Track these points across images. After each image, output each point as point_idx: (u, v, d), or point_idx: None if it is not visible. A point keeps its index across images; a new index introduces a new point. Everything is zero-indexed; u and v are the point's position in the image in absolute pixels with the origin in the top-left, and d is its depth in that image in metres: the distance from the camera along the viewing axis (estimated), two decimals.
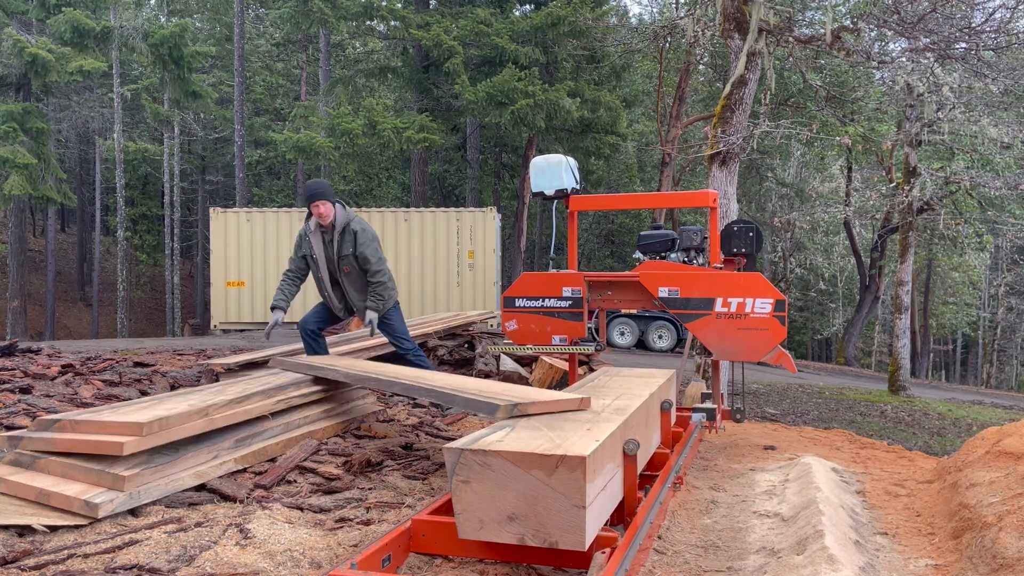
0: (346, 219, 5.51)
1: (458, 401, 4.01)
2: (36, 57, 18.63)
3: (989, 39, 9.27)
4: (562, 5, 17.99)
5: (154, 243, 31.82)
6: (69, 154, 33.25)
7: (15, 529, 3.07)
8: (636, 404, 3.81)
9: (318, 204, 5.42)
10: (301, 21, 18.76)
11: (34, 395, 5.03)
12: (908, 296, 13.05)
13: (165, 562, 2.87)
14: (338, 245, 5.49)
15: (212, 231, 16.71)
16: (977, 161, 13.01)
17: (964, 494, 3.84)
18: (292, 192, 29.85)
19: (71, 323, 30.11)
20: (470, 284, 16.44)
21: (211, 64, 29.02)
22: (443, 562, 3.11)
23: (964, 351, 41.53)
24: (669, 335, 17.80)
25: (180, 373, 6.12)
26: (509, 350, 6.13)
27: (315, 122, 19.29)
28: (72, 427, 3.63)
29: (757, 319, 5.16)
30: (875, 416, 9.76)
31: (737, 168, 9.00)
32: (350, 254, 5.51)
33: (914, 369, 23.46)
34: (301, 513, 3.51)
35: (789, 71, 15.14)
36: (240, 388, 4.40)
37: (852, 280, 28.65)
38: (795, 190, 24.21)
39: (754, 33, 8.72)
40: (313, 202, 5.44)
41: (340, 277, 5.59)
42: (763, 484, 4.62)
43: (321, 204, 5.42)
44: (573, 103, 18.18)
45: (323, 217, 5.44)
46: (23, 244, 21.87)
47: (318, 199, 5.43)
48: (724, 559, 3.37)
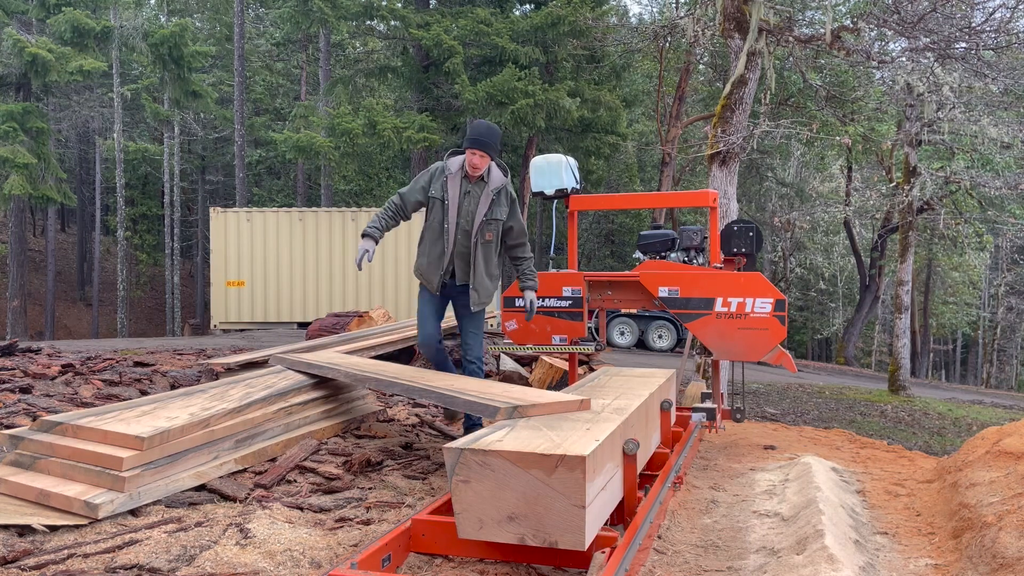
0: (503, 180, 4.69)
1: (458, 403, 4.01)
2: (36, 57, 18.64)
3: (989, 39, 9.27)
4: (562, 5, 18.00)
5: (154, 243, 31.83)
6: (69, 154, 33.25)
7: (15, 529, 3.07)
8: (636, 404, 3.81)
9: (476, 153, 4.55)
10: (301, 21, 18.77)
11: (34, 395, 5.03)
12: (908, 296, 13.05)
13: (165, 562, 2.87)
14: (487, 206, 4.63)
15: (212, 231, 16.72)
16: (977, 161, 13.00)
17: (964, 494, 3.84)
18: (292, 192, 29.86)
19: (71, 323, 30.11)
20: None
21: (211, 64, 29.02)
22: (443, 562, 3.11)
23: (964, 351, 41.53)
24: (669, 335, 17.80)
25: (180, 373, 6.12)
26: (509, 350, 6.13)
27: (315, 122, 19.29)
28: (73, 432, 3.63)
29: (757, 319, 5.16)
30: (875, 416, 9.76)
31: (737, 168, 9.00)
32: (501, 220, 4.70)
33: (914, 369, 23.48)
34: (301, 513, 3.51)
35: (789, 71, 15.13)
36: (242, 392, 4.39)
37: (852, 280, 28.66)
38: (795, 190, 24.22)
39: (754, 33, 8.72)
40: (474, 148, 4.55)
41: (474, 242, 4.65)
42: (763, 484, 4.62)
43: (480, 155, 4.55)
44: (573, 103, 18.19)
45: (476, 168, 4.59)
46: (23, 244, 21.87)
47: (482, 149, 4.56)
48: (724, 559, 3.38)
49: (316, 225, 16.74)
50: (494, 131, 4.63)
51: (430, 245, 4.74)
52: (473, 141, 4.55)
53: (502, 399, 3.81)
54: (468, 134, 4.62)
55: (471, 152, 4.55)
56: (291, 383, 4.71)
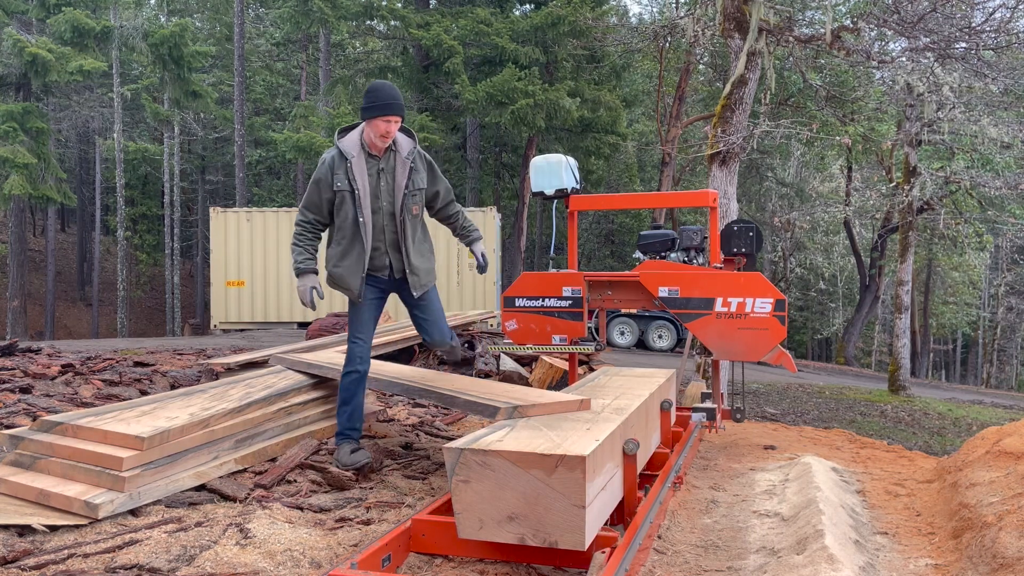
0: (412, 144, 4.10)
1: (458, 403, 4.01)
2: (36, 57, 18.64)
3: (989, 39, 9.26)
4: (562, 5, 18.00)
5: (154, 243, 31.83)
6: (69, 154, 33.26)
7: (15, 529, 3.07)
8: (636, 404, 3.81)
9: (390, 120, 3.91)
10: (301, 21, 18.78)
11: (34, 395, 5.03)
12: (908, 296, 13.05)
13: (165, 562, 2.87)
14: (406, 176, 4.02)
15: (212, 231, 16.73)
16: (977, 161, 13.00)
17: (964, 494, 3.84)
18: (292, 192, 29.86)
19: (71, 323, 30.11)
20: (470, 284, 16.45)
21: (211, 64, 29.03)
22: (443, 562, 3.11)
23: (964, 351, 41.54)
24: (669, 335, 17.80)
25: (180, 373, 6.12)
26: (509, 350, 6.13)
27: (315, 122, 19.29)
28: (74, 432, 3.63)
29: (757, 319, 5.16)
30: (875, 416, 9.75)
31: (737, 168, 9.00)
32: (423, 188, 4.12)
33: (914, 369, 23.48)
34: (301, 513, 3.51)
35: (789, 71, 15.14)
36: (242, 392, 4.39)
37: (852, 280, 28.66)
38: (795, 190, 24.23)
39: (754, 33, 8.72)
40: (385, 115, 3.89)
41: (402, 221, 4.03)
42: (763, 484, 4.62)
43: (396, 120, 3.92)
44: (573, 103, 18.20)
45: (386, 137, 3.93)
46: (23, 244, 21.88)
47: (393, 113, 3.91)
48: (724, 559, 3.37)
49: None
50: (397, 91, 4.03)
51: (346, 246, 4.02)
52: (386, 106, 3.88)
53: (502, 399, 3.81)
54: (374, 101, 3.90)
55: (384, 120, 3.89)
56: (291, 383, 4.71)
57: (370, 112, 3.91)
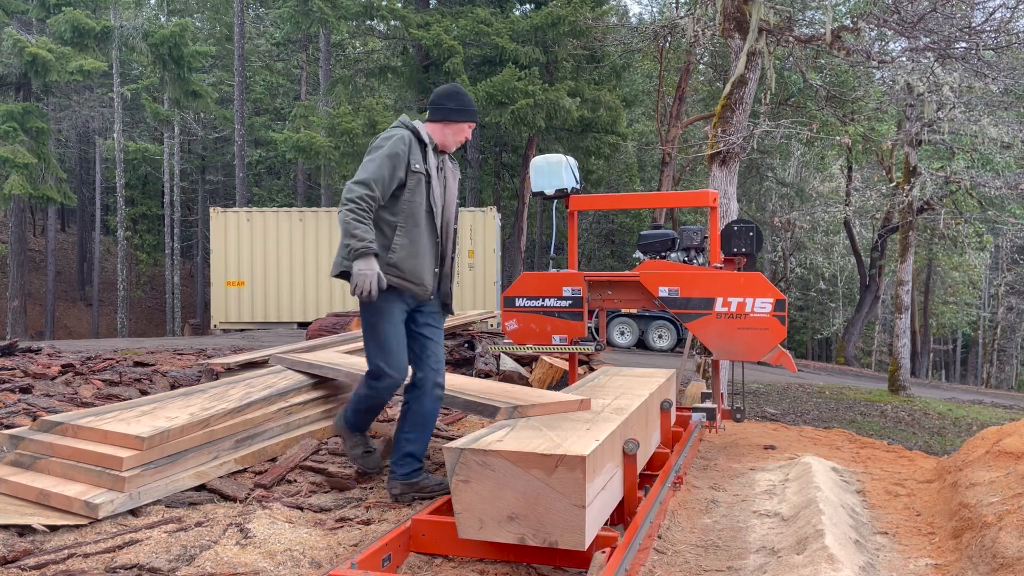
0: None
1: (458, 403, 4.00)
2: (36, 57, 18.65)
3: (989, 39, 9.27)
4: (562, 5, 18.01)
5: (154, 243, 31.84)
6: (69, 154, 33.26)
7: (15, 529, 3.07)
8: (636, 404, 3.81)
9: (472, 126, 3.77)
10: (301, 21, 18.78)
11: (34, 395, 5.03)
12: (908, 296, 13.05)
13: (165, 562, 2.87)
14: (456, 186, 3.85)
15: (212, 231, 16.73)
16: (977, 161, 13.00)
17: (964, 494, 3.84)
18: (292, 192, 29.86)
19: (71, 323, 30.11)
20: (470, 284, 16.46)
21: (211, 64, 29.04)
22: (443, 562, 3.11)
23: (964, 351, 41.55)
24: (669, 335, 17.80)
25: (180, 373, 6.12)
26: (509, 350, 6.13)
27: (315, 122, 19.30)
28: (74, 432, 3.63)
29: (757, 319, 5.15)
30: (875, 416, 9.76)
31: (737, 168, 9.00)
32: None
33: (914, 369, 23.49)
34: (301, 513, 3.51)
35: (789, 71, 15.14)
36: (242, 392, 4.39)
37: (852, 280, 28.67)
38: (795, 190, 24.23)
39: (754, 33, 8.72)
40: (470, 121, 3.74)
41: (453, 232, 3.84)
42: (763, 484, 4.61)
43: (469, 127, 3.76)
44: (573, 103, 18.20)
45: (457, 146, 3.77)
46: (23, 244, 21.88)
47: (475, 120, 3.79)
48: (724, 559, 3.37)
49: (316, 225, 16.75)
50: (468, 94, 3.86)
51: (416, 236, 3.60)
52: (472, 113, 3.74)
53: (502, 399, 3.81)
54: (461, 105, 3.71)
55: (469, 125, 3.74)
56: (291, 383, 4.71)
57: (459, 115, 3.70)
